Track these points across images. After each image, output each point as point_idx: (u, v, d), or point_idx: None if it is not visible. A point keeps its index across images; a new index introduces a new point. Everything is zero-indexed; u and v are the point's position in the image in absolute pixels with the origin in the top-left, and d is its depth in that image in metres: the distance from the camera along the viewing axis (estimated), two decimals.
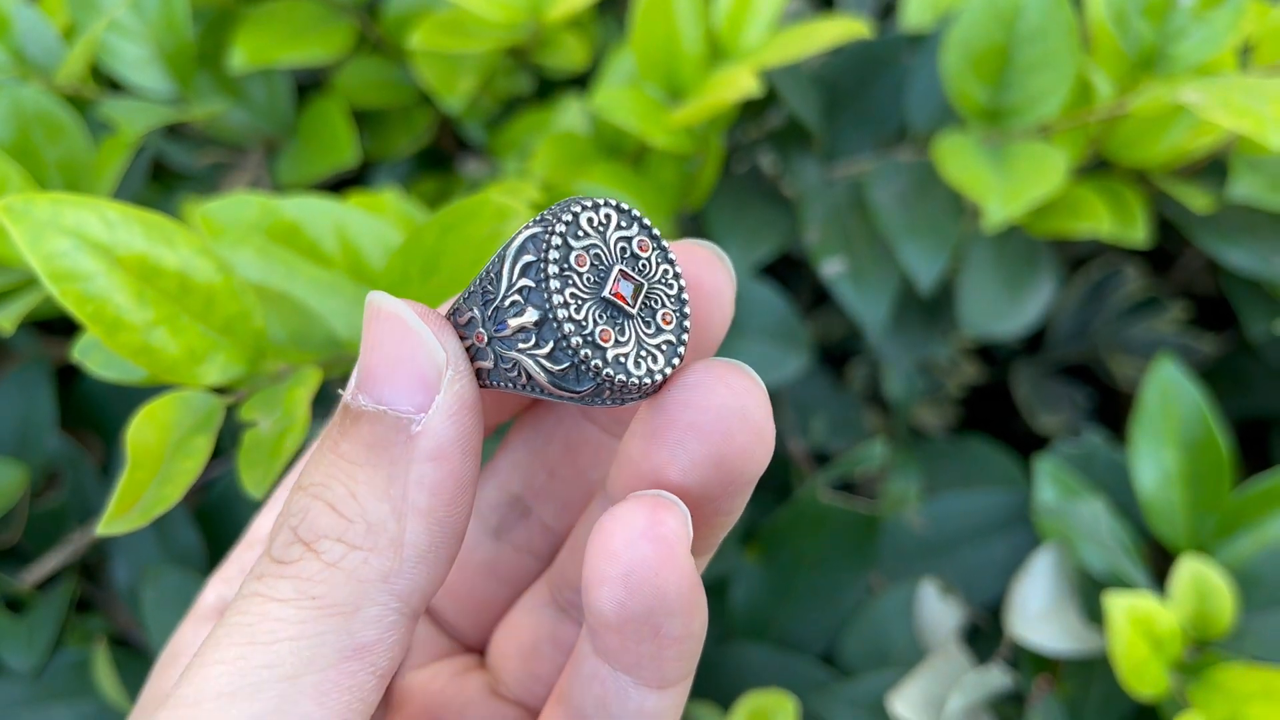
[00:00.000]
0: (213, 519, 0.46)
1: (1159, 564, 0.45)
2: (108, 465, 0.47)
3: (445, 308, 0.23)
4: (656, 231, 0.21)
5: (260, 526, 0.28)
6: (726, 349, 0.45)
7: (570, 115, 0.47)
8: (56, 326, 0.49)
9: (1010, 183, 0.41)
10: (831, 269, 0.46)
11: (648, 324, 0.20)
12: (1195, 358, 0.56)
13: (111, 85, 0.47)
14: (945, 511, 0.48)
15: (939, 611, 0.43)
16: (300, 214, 0.32)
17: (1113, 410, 0.62)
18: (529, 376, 0.20)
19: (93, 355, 0.26)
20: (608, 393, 0.20)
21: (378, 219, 0.32)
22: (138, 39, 0.45)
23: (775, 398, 0.52)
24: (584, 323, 0.19)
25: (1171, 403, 0.45)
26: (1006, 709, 0.43)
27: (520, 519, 0.26)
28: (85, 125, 0.40)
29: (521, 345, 0.19)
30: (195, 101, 0.46)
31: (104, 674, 0.43)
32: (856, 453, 0.46)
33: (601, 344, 0.19)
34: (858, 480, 0.51)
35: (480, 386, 0.20)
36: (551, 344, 0.19)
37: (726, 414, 0.20)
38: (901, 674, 0.41)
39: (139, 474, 0.23)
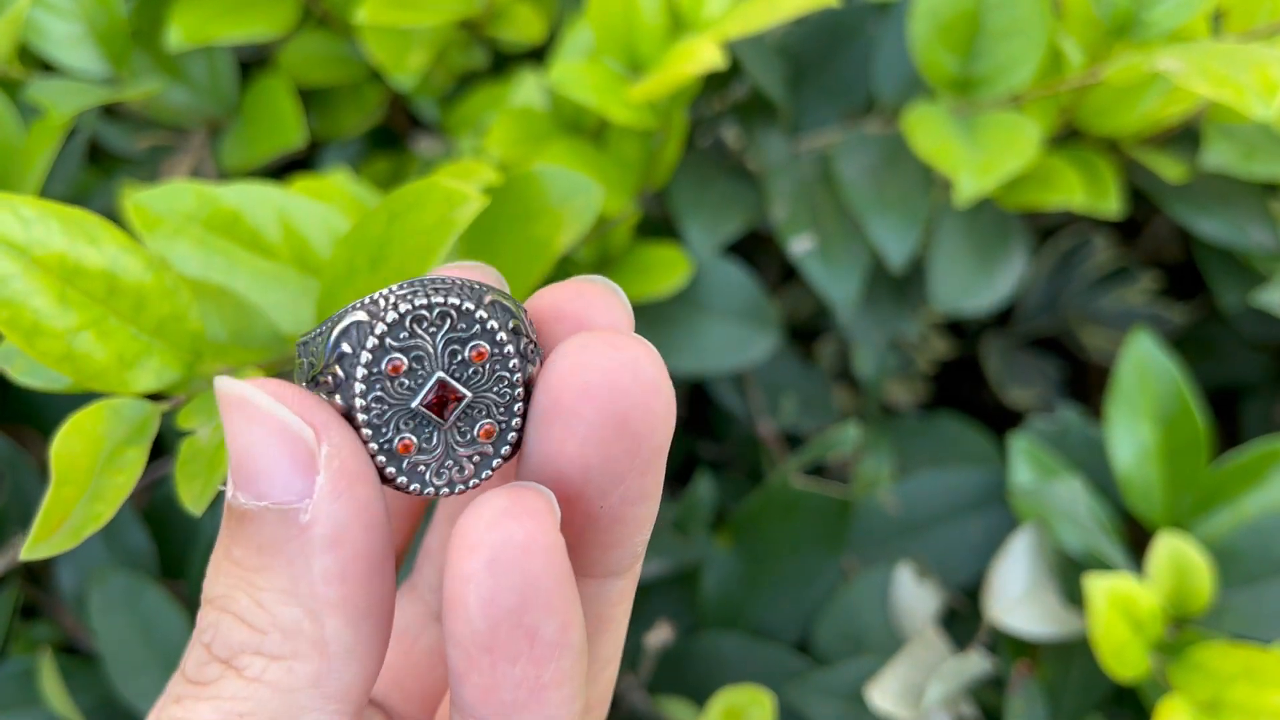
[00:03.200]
0: (161, 519, 0.44)
1: (1136, 541, 0.44)
2: (48, 465, 0.45)
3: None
4: (502, 336, 0.19)
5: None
6: (692, 330, 0.44)
7: (526, 90, 0.45)
8: None
9: (982, 155, 0.40)
10: (800, 247, 0.44)
11: (463, 434, 0.19)
12: (1166, 328, 0.56)
13: (42, 66, 0.44)
14: (918, 492, 0.47)
15: (916, 596, 0.42)
16: (240, 202, 0.30)
17: (1083, 382, 0.61)
18: None
19: (15, 362, 0.24)
20: (407, 493, 0.19)
21: (323, 205, 0.31)
22: (67, 16, 0.42)
23: (743, 378, 0.50)
24: (384, 430, 0.18)
25: (1147, 377, 0.44)
26: (986, 694, 0.42)
27: None
28: (15, 109, 0.38)
29: None
30: (131, 81, 0.44)
31: (51, 684, 0.41)
32: (829, 436, 0.44)
33: (399, 454, 0.19)
34: (829, 462, 0.50)
35: None
36: None
37: (617, 369, 0.18)
38: (878, 661, 0.40)
39: (66, 490, 0.21)
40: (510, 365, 0.19)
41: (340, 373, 0.18)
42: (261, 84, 0.47)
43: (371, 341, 0.18)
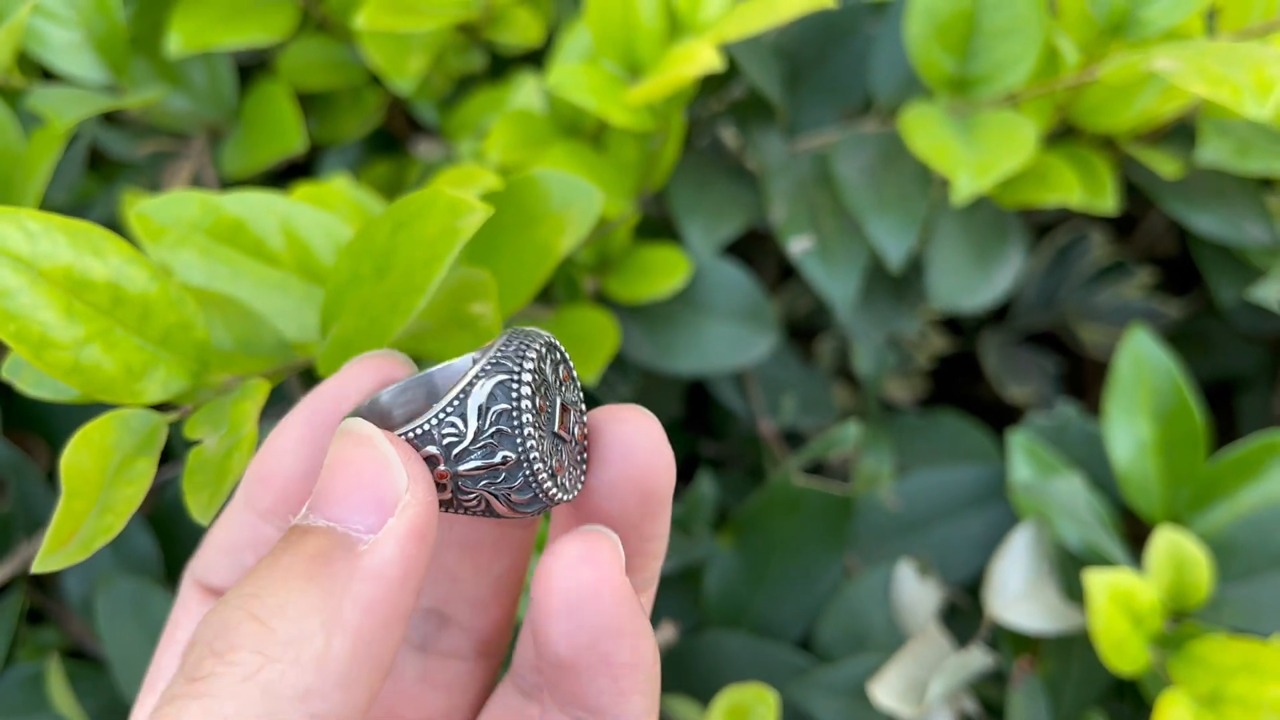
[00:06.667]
0: (167, 524, 0.44)
1: (1135, 536, 0.45)
2: (54, 472, 0.45)
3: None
4: (568, 356, 0.23)
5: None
6: (692, 330, 0.44)
7: (525, 93, 0.46)
8: None
9: (980, 154, 0.40)
10: (799, 246, 0.45)
11: (571, 445, 0.22)
12: (1161, 323, 0.56)
13: (43, 74, 0.45)
14: (919, 489, 0.47)
15: (917, 593, 0.43)
16: (244, 210, 0.30)
17: (1080, 378, 0.61)
18: (488, 506, 0.21)
19: (23, 374, 0.25)
20: (545, 508, 0.22)
21: (325, 212, 0.31)
22: (67, 24, 0.42)
23: (744, 377, 0.51)
24: (549, 460, 0.21)
25: (1145, 373, 0.45)
26: (987, 690, 0.42)
27: (440, 628, 0.26)
28: (16, 117, 0.38)
29: (487, 481, 0.21)
30: (131, 89, 0.44)
31: (58, 689, 0.41)
32: (830, 435, 0.45)
33: (556, 474, 0.21)
34: (829, 460, 0.50)
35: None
36: (520, 480, 0.21)
37: (628, 440, 0.22)
38: (881, 658, 0.41)
39: (76, 503, 0.21)
40: (575, 379, 0.23)
41: (505, 428, 0.21)
42: (261, 89, 0.47)
43: (526, 391, 0.21)
